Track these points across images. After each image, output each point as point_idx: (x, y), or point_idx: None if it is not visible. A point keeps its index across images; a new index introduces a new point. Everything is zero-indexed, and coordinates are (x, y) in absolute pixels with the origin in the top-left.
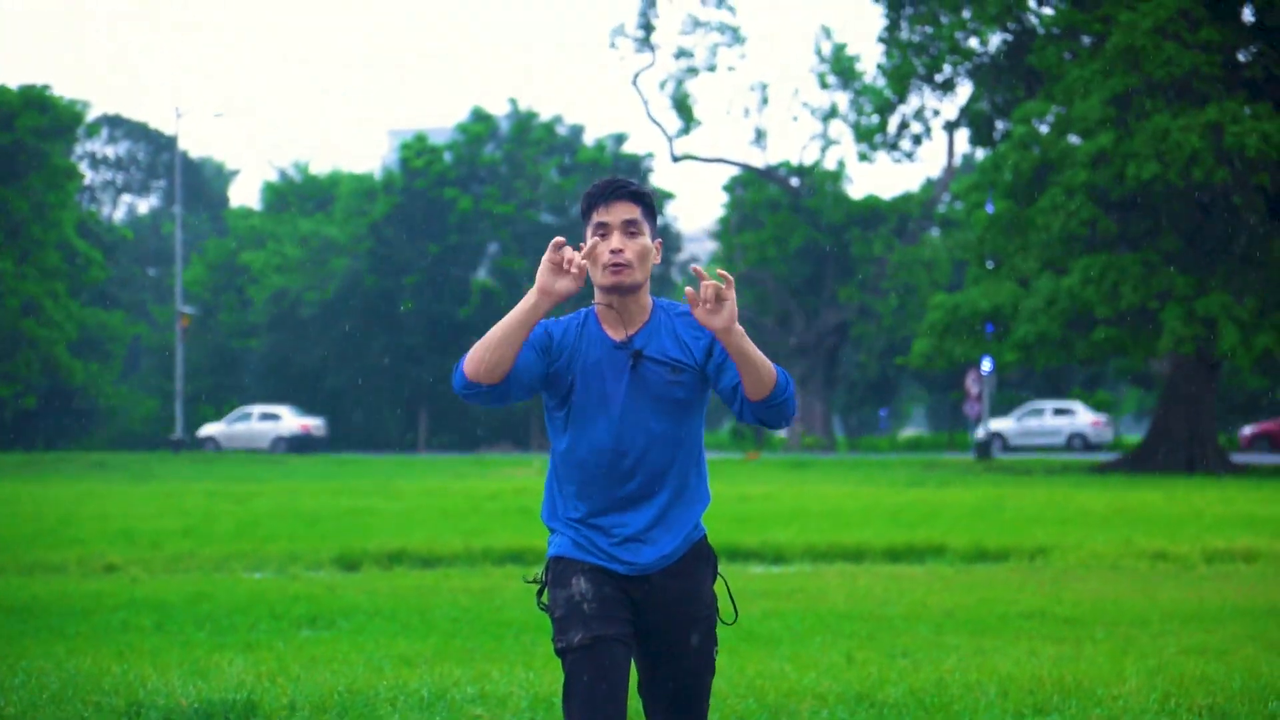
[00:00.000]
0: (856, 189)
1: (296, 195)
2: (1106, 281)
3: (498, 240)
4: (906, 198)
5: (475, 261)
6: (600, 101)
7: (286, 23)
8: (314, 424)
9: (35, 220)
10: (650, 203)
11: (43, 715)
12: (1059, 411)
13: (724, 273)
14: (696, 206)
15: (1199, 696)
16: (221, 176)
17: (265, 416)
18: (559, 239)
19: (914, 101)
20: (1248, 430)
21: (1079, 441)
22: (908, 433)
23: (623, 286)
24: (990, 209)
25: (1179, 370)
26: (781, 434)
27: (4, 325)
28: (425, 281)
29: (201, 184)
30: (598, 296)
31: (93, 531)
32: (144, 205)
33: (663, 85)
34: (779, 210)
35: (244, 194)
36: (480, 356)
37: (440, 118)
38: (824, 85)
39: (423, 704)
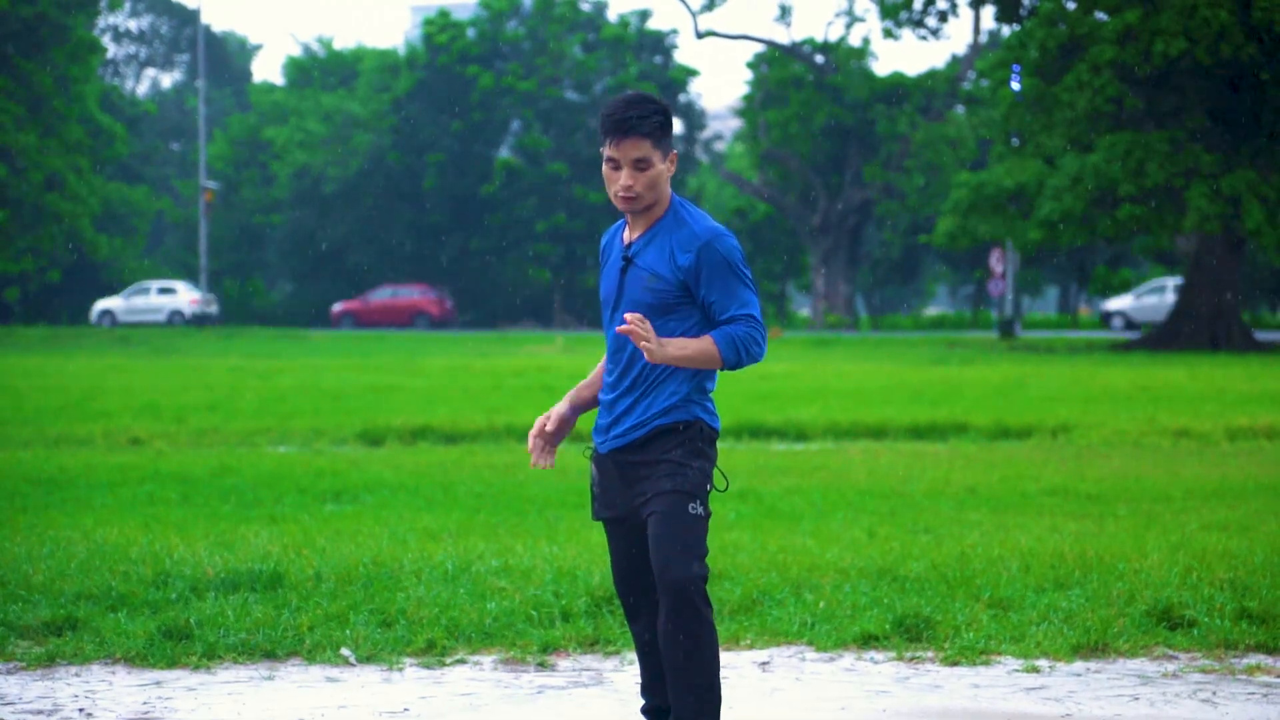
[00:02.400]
0: (881, 66)
1: (320, 70)
2: (1132, 159)
3: (520, 117)
4: (932, 75)
5: (498, 139)
6: None
7: None
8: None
9: (58, 94)
10: (661, 124)
11: (70, 583)
12: (163, 290)
13: (630, 319)
14: (720, 83)
15: (1220, 570)
16: (244, 51)
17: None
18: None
19: None
20: None
21: (179, 318)
22: (931, 311)
23: (634, 211)
24: (1016, 86)
25: (1203, 248)
26: (804, 312)
27: (28, 199)
28: (448, 159)
29: (224, 58)
30: None
31: (118, 405)
32: (167, 79)
33: None
34: (803, 88)
35: (267, 69)
36: None
37: None
38: None
39: (447, 576)
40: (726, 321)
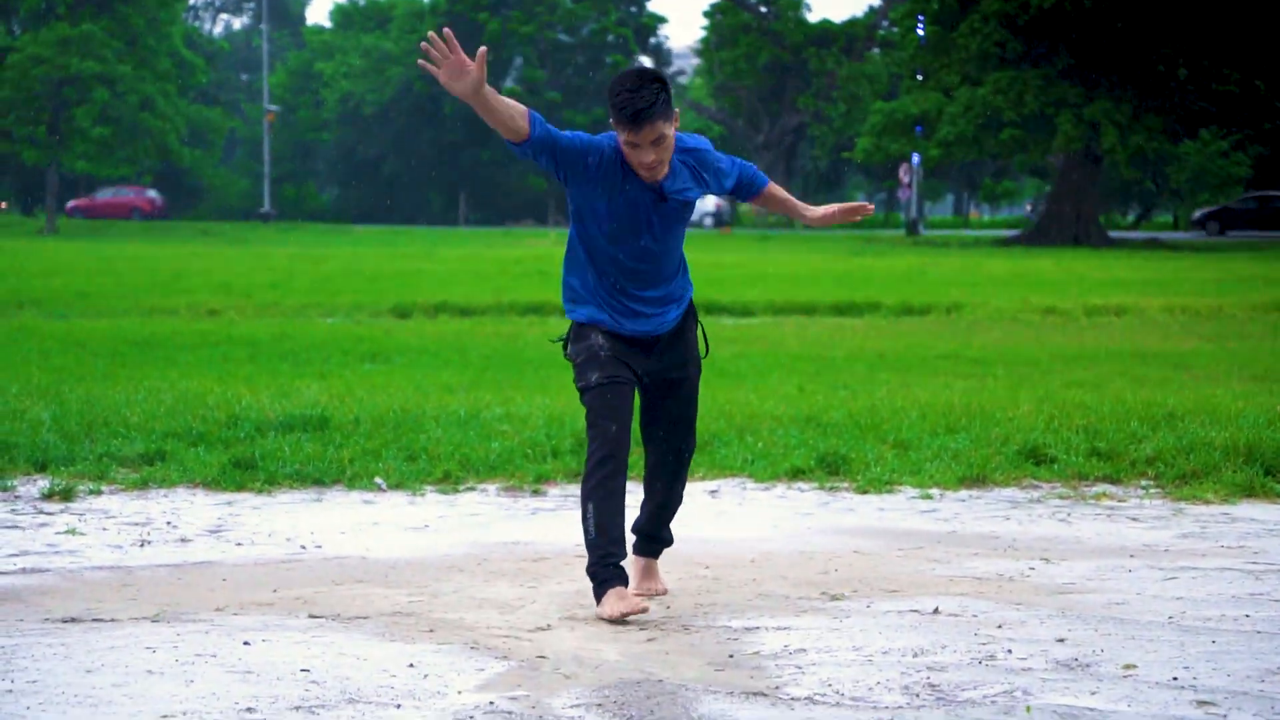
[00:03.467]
0: (814, 15)
1: (361, 15)
2: (1013, 92)
3: (522, 55)
4: (853, 22)
5: (504, 72)
6: None
7: None
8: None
9: (150, 33)
10: (666, 100)
11: (160, 423)
12: None
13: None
14: (683, 28)
15: (1077, 418)
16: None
17: None
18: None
19: None
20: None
21: None
22: None
23: (657, 177)
24: (921, 32)
25: (1069, 163)
26: (750, 210)
27: (126, 118)
28: None
29: (284, 5)
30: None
31: (199, 284)
32: (237, 23)
33: None
34: (750, 32)
35: (318, 14)
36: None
37: None
38: None
39: (460, 421)
40: (754, 174)
